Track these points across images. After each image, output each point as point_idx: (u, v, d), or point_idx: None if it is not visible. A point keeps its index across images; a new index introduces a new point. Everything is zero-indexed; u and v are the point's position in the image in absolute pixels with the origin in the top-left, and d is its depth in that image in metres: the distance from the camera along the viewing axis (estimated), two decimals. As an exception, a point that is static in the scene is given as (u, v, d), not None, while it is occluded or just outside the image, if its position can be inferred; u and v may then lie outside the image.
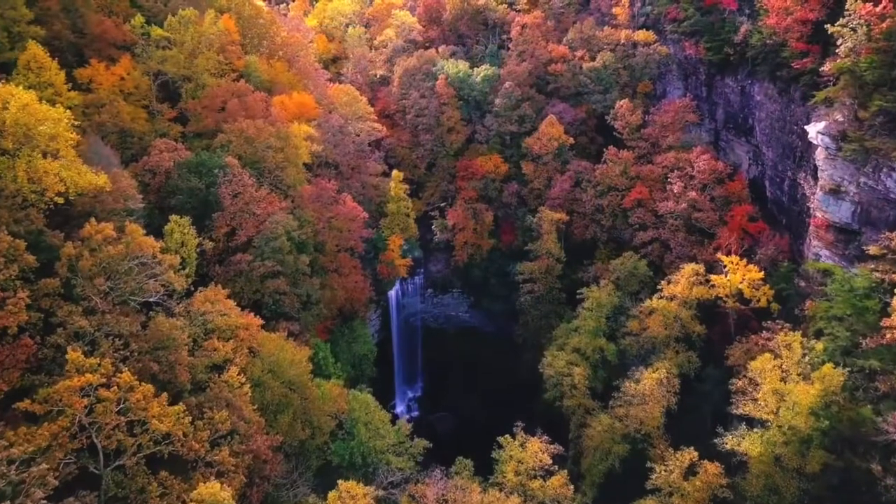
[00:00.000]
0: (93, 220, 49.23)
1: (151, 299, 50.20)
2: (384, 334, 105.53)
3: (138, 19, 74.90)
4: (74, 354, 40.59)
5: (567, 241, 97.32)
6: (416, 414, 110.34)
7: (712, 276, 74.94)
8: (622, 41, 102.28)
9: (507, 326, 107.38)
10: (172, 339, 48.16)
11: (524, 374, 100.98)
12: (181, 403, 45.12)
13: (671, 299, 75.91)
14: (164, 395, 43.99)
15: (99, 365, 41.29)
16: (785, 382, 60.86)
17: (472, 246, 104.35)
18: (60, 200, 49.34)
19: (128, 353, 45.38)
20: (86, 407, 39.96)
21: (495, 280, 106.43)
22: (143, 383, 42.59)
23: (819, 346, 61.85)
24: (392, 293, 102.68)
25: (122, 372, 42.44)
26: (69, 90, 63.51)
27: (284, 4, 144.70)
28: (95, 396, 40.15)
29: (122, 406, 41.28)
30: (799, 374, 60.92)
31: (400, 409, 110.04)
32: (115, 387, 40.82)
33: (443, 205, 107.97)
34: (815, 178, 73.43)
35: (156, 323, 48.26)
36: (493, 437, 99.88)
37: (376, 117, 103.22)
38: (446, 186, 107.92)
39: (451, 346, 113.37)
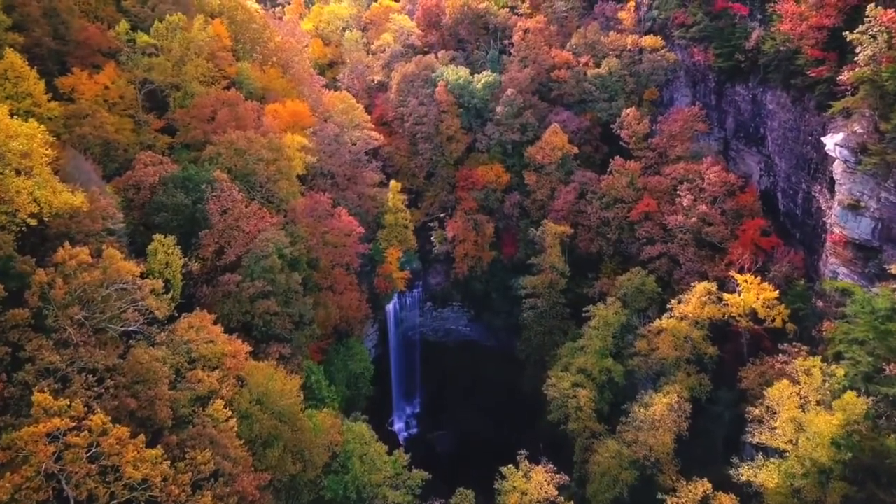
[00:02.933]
0: (67, 244, 45.90)
1: (131, 328, 46.85)
2: (382, 349, 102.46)
3: (123, 25, 71.59)
4: (41, 396, 37.20)
5: (571, 254, 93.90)
6: (414, 431, 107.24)
7: (725, 295, 71.67)
8: (628, 47, 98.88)
9: (508, 340, 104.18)
10: (152, 372, 44.78)
11: (526, 389, 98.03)
12: (160, 446, 41.74)
13: (682, 319, 72.57)
14: (142, 436, 40.53)
15: (69, 406, 37.89)
16: (804, 410, 57.69)
17: (473, 258, 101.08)
18: (33, 222, 46.16)
19: (102, 390, 41.94)
20: (53, 454, 36.54)
21: (496, 294, 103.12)
22: (117, 425, 39.15)
23: (840, 371, 58.68)
24: (390, 307, 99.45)
25: (94, 413, 39.09)
26: (50, 100, 60.38)
27: (280, 7, 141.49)
28: (63, 443, 36.72)
29: (93, 451, 37.85)
30: (818, 403, 57.74)
31: (398, 426, 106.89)
32: (86, 431, 37.35)
33: (442, 215, 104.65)
34: (832, 192, 70.46)
35: (134, 355, 44.84)
36: (494, 455, 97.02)
37: (373, 125, 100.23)
38: (446, 196, 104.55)
39: (450, 361, 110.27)
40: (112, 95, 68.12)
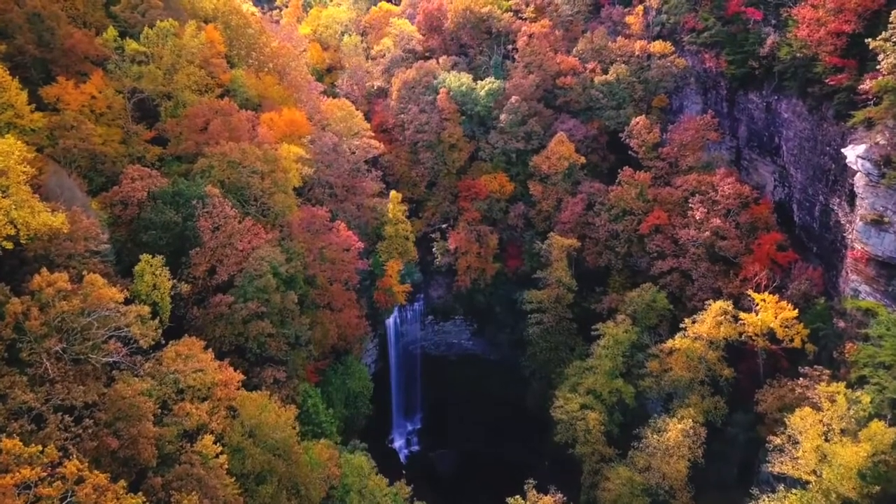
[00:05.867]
0: (44, 270, 42.76)
1: (113, 359, 43.70)
2: (382, 363, 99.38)
3: (111, 32, 68.35)
4: (10, 443, 34.07)
5: (578, 267, 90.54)
6: (415, 448, 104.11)
7: (741, 314, 68.52)
8: (636, 53, 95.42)
9: (512, 354, 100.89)
10: (135, 407, 41.71)
11: (531, 404, 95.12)
12: (142, 490, 38.65)
13: (696, 339, 69.35)
14: (122, 482, 37.41)
15: (41, 452, 34.73)
16: (827, 439, 54.62)
17: (476, 271, 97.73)
18: (9, 245, 43.00)
19: (80, 430, 38.80)
20: (24, 506, 33.46)
21: (500, 307, 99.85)
22: (94, 472, 36.14)
23: (865, 398, 55.61)
24: (390, 321, 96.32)
25: (70, 457, 36.05)
26: (33, 111, 57.37)
27: (277, 11, 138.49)
28: (34, 494, 33.56)
29: (68, 501, 34.69)
30: (842, 431, 54.67)
31: (398, 443, 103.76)
32: (60, 480, 34.20)
33: (444, 226, 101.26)
34: (852, 205, 67.56)
35: (116, 390, 41.79)
36: (498, 474, 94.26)
37: (373, 132, 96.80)
38: (448, 207, 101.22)
39: (452, 375, 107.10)
40: (99, 105, 64.79)
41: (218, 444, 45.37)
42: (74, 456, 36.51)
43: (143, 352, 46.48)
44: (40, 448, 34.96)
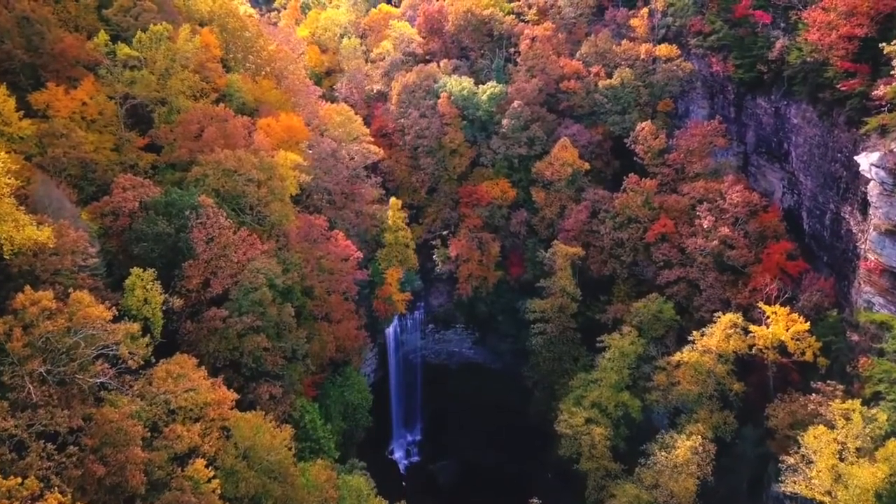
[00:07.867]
0: (28, 288, 40.81)
1: (101, 380, 41.82)
2: (381, 373, 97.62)
3: (102, 36, 66.35)
4: (-13, 476, 32.18)
5: (582, 276, 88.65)
6: (416, 459, 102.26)
7: (751, 326, 66.61)
8: (641, 56, 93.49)
9: (514, 363, 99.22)
10: (123, 432, 39.82)
11: (533, 415, 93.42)
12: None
13: (704, 352, 67.46)
14: (108, 513, 35.59)
15: (21, 485, 32.84)
16: (842, 458, 52.78)
17: (477, 278, 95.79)
18: (-8, 261, 41.26)
19: (64, 458, 36.89)
20: (1, 543, 31.61)
21: (502, 316, 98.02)
22: (78, 503, 34.15)
23: (882, 416, 53.79)
24: (390, 330, 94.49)
25: (52, 488, 34.12)
26: (21, 118, 55.64)
27: (275, 13, 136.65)
28: (13, 531, 31.76)
29: (49, 537, 32.84)
30: (858, 450, 52.83)
31: (398, 454, 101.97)
32: (40, 516, 32.39)
33: (445, 233, 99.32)
34: (864, 214, 65.73)
35: (102, 414, 39.86)
36: (500, 486, 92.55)
37: (373, 137, 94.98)
38: (449, 213, 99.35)
39: (453, 384, 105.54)
40: (90, 112, 62.90)
41: (210, 467, 43.58)
42: (56, 488, 34.57)
43: (132, 371, 44.66)
44: (20, 480, 33.09)
